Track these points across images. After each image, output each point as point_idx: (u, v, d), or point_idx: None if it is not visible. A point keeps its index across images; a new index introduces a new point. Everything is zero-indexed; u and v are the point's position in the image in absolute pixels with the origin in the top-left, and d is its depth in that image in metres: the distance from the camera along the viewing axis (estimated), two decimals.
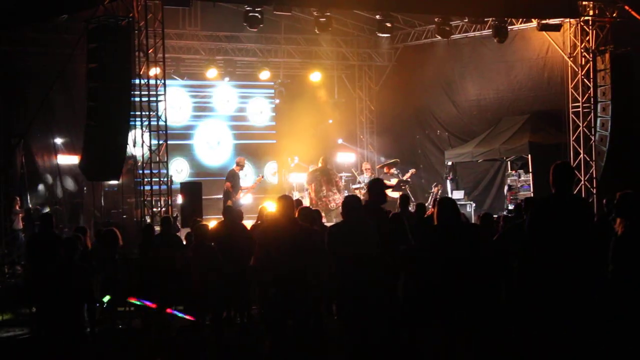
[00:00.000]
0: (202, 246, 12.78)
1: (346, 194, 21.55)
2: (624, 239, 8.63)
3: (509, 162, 25.71)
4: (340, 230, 9.90)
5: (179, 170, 26.43)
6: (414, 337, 11.65)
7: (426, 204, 22.45)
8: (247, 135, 28.93)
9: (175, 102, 26.83)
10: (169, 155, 20.54)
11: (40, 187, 22.87)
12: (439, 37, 25.14)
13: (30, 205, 21.44)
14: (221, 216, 15.41)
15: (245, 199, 23.19)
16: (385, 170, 25.23)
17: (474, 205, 24.45)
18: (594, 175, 22.72)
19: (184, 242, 15.61)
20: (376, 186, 10.98)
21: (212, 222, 16.21)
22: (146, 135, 19.84)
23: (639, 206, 8.62)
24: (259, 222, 15.04)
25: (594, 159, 22.72)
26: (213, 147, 28.12)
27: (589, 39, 22.87)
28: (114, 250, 14.76)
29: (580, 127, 22.93)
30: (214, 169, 27.39)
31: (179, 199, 20.78)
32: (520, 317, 11.84)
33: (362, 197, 14.23)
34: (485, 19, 24.84)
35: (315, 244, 10.03)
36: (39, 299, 14.03)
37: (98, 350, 13.36)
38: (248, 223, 15.50)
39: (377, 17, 24.22)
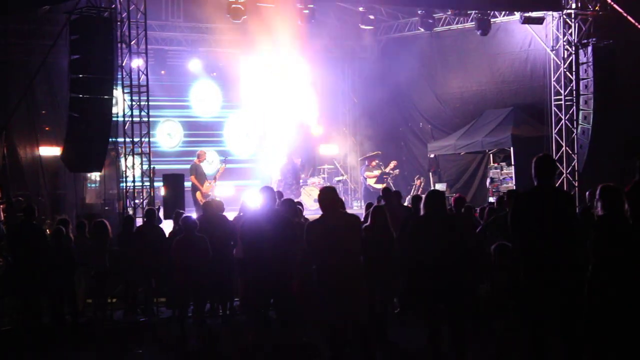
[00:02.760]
0: (190, 237, 12.74)
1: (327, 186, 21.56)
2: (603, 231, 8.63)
3: (491, 155, 25.78)
4: (318, 225, 9.86)
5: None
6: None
7: (407, 197, 22.55)
8: None
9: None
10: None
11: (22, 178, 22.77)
12: (422, 30, 25.22)
13: (12, 197, 21.31)
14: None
15: (227, 190, 23.11)
16: (367, 162, 25.25)
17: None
18: (576, 168, 22.80)
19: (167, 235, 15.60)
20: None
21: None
22: (128, 126, 19.87)
23: (619, 199, 8.63)
24: (241, 213, 15.03)
25: (576, 151, 22.79)
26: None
27: (571, 32, 22.92)
28: (104, 242, 14.80)
29: (563, 120, 23.00)
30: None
31: (162, 191, 20.74)
32: (504, 307, 11.94)
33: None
34: (469, 12, 24.90)
35: (297, 236, 10.02)
36: (20, 290, 14.04)
37: (81, 340, 13.38)
38: (230, 215, 15.46)
39: (360, 9, 24.22)
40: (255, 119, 29.14)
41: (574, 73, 22.81)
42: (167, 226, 16.53)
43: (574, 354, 8.45)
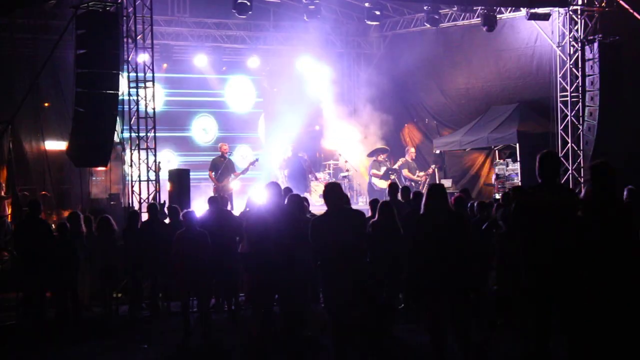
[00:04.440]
0: (190, 232, 12.75)
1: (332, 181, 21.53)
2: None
3: (497, 151, 25.75)
4: (323, 221, 9.87)
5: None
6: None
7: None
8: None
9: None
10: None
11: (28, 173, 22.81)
12: (428, 26, 25.18)
13: (17, 192, 21.36)
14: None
15: (233, 185, 23.11)
16: (375, 157, 25.22)
17: None
18: (582, 165, 22.76)
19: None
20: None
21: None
22: (134, 121, 19.91)
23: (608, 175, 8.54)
24: (247, 209, 15.03)
25: (581, 148, 22.74)
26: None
27: (577, 28, 22.88)
28: (109, 237, 14.84)
29: (569, 117, 22.96)
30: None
31: (167, 186, 20.77)
32: (506, 305, 11.94)
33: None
34: (474, 8, 24.87)
35: (303, 232, 10.02)
36: (25, 285, 14.07)
37: (86, 335, 13.40)
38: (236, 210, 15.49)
39: (366, 4, 24.20)
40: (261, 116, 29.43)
41: (579, 69, 22.76)
42: None
43: (577, 348, 8.44)
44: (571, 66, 23.00)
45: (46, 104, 23.22)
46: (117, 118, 18.66)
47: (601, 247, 8.07)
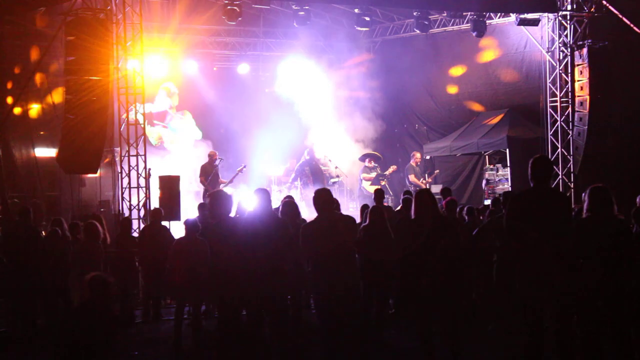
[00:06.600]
0: (190, 239, 12.75)
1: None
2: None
3: (487, 156, 25.76)
4: (313, 227, 9.87)
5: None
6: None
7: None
8: None
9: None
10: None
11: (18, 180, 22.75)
12: (418, 31, 25.18)
13: (7, 199, 21.28)
14: None
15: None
16: (366, 161, 25.23)
17: None
18: (572, 170, 22.78)
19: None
20: None
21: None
22: (124, 127, 19.87)
23: (608, 200, 8.70)
24: (237, 215, 15.01)
25: (571, 153, 22.76)
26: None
27: (567, 34, 22.92)
28: (96, 243, 14.76)
29: (558, 122, 22.98)
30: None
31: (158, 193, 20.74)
32: (498, 309, 11.95)
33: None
34: (464, 13, 24.91)
35: (293, 238, 10.02)
36: (14, 292, 14.01)
37: None
38: None
39: (356, 10, 24.21)
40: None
41: (569, 74, 22.79)
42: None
43: (569, 352, 8.47)
44: (560, 71, 23.03)
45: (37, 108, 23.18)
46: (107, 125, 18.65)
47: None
